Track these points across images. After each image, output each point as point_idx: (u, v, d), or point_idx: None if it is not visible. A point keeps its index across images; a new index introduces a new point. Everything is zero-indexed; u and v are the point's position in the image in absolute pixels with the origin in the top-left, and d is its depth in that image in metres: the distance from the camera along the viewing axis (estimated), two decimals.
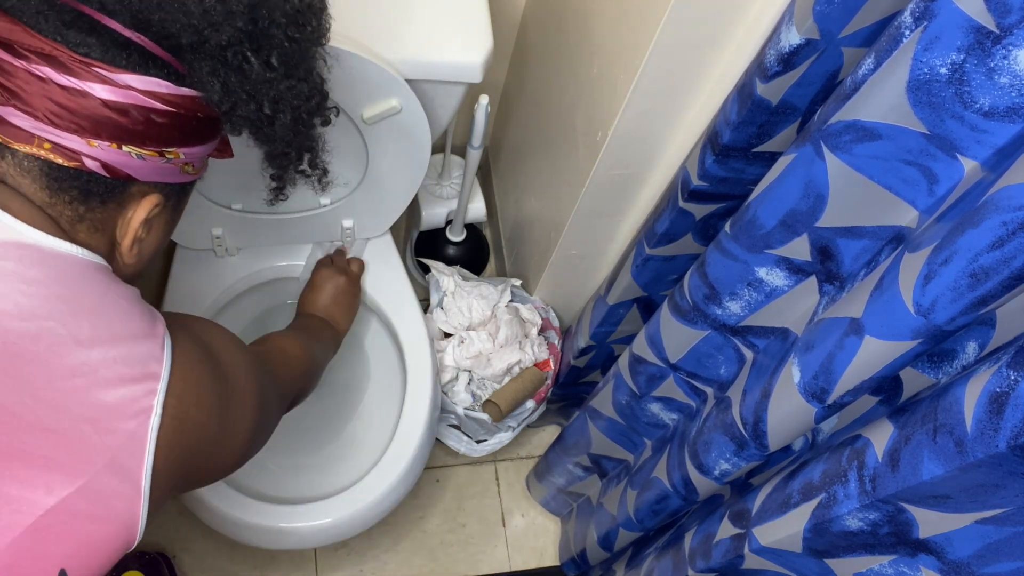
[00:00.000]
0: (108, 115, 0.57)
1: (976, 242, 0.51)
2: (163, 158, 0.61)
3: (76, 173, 0.59)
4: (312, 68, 0.68)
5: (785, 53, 0.69)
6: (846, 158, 0.64)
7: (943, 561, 0.60)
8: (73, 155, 0.57)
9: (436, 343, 1.31)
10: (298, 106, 0.67)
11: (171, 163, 0.63)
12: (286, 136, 0.69)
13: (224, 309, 1.23)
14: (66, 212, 0.60)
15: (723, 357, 0.91)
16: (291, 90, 0.66)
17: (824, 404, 0.67)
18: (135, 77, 0.57)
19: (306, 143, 0.73)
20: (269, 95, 0.65)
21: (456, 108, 1.09)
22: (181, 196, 0.70)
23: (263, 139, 0.69)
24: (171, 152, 0.62)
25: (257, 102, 0.64)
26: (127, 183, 0.61)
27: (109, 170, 0.59)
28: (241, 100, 0.63)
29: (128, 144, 0.59)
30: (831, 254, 0.72)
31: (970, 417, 0.51)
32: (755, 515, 0.79)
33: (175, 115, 0.60)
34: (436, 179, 1.50)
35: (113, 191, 0.61)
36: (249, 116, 0.65)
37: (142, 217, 0.63)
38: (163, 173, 0.63)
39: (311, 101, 0.69)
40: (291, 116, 0.67)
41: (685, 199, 0.91)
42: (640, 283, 1.08)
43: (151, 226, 0.66)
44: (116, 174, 0.60)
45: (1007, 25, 0.51)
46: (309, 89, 0.68)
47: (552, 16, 1.16)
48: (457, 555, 1.48)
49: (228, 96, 0.63)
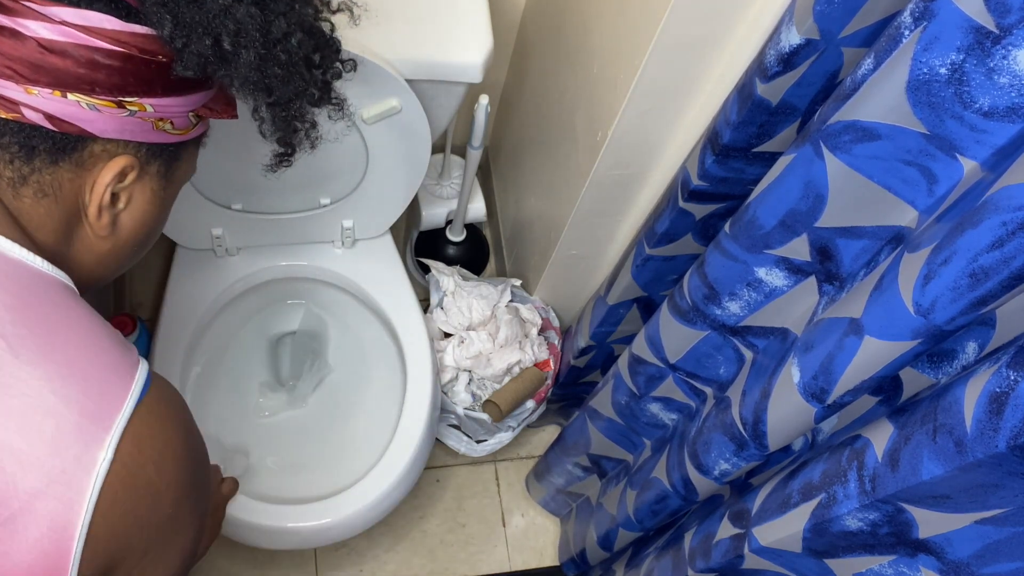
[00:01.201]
0: (45, 57, 0.49)
1: (976, 242, 0.51)
2: (123, 110, 0.53)
3: (17, 126, 0.51)
4: (300, 4, 0.59)
5: (785, 53, 0.69)
6: (846, 158, 0.64)
7: (943, 561, 0.60)
8: (10, 105, 0.50)
9: (436, 343, 1.32)
10: (272, 43, 0.57)
11: (137, 117, 0.54)
12: (252, 77, 0.57)
13: (224, 309, 1.23)
14: (6, 173, 0.52)
15: (722, 357, 0.91)
16: (254, 20, 0.55)
17: (824, 404, 0.67)
18: (71, 11, 0.49)
19: (290, 90, 0.61)
20: (228, 27, 0.54)
21: (456, 108, 1.09)
22: (169, 161, 0.60)
23: (230, 82, 0.59)
24: (132, 103, 0.53)
25: (213, 35, 0.54)
26: (83, 140, 0.53)
27: (55, 123, 0.51)
28: (196, 35, 0.53)
29: (74, 92, 0.51)
30: (831, 254, 0.72)
31: (970, 417, 0.51)
32: (755, 515, 0.79)
33: (125, 56, 0.52)
34: (436, 179, 1.50)
35: (65, 149, 0.53)
36: (203, 53, 0.54)
37: (106, 181, 0.55)
38: (129, 130, 0.54)
39: (290, 39, 0.58)
40: (256, 54, 0.56)
41: (685, 199, 0.91)
42: (640, 283, 1.08)
43: (131, 195, 0.58)
44: (65, 128, 0.52)
45: (1007, 25, 0.51)
46: (288, 26, 0.57)
47: (552, 16, 1.16)
48: (457, 555, 1.48)
49: (180, 30, 0.53)
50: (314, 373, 1.31)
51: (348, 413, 1.31)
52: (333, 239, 1.25)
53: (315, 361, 1.31)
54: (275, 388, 1.31)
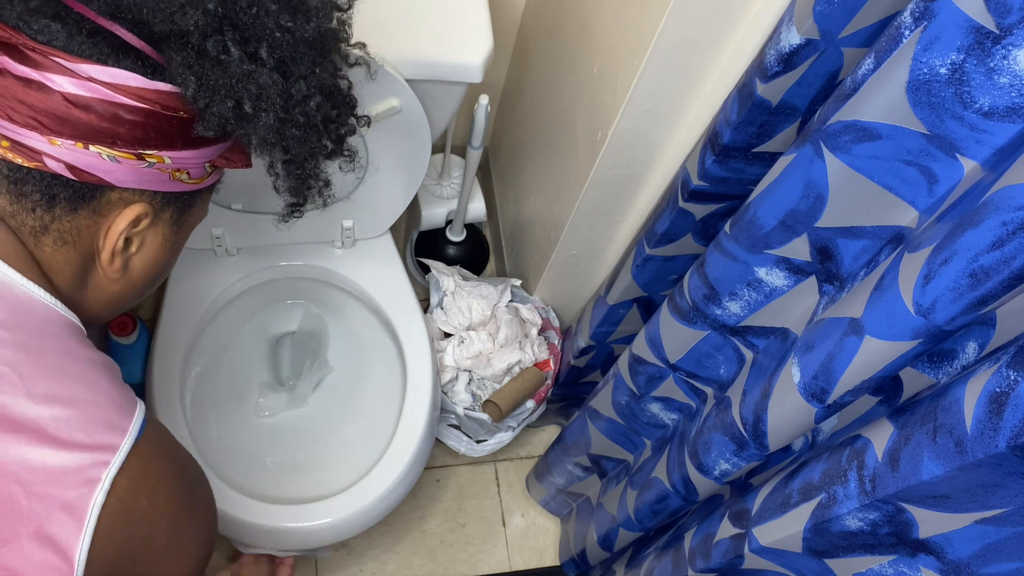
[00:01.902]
0: (70, 111, 0.51)
1: (976, 242, 0.51)
2: (143, 162, 0.55)
3: (39, 175, 0.53)
4: (320, 67, 0.60)
5: (785, 53, 0.69)
6: (846, 158, 0.64)
7: (943, 561, 0.60)
8: (33, 155, 0.52)
9: (436, 343, 1.31)
10: (292, 107, 0.59)
11: (155, 168, 0.56)
12: (271, 138, 0.59)
13: (224, 309, 1.23)
14: (28, 221, 0.54)
15: (723, 357, 0.91)
16: (276, 85, 0.57)
17: (824, 404, 0.67)
18: (98, 68, 0.51)
19: (305, 150, 0.63)
20: (250, 91, 0.56)
21: (456, 108, 1.09)
22: (183, 208, 0.62)
23: (248, 141, 0.60)
24: (151, 155, 0.55)
25: (235, 98, 0.56)
26: (103, 188, 0.55)
27: (76, 173, 0.53)
28: (219, 96, 0.55)
29: (96, 144, 0.52)
30: (831, 254, 0.72)
31: (970, 417, 0.51)
32: (755, 515, 0.79)
33: (148, 112, 0.53)
34: (436, 179, 1.50)
35: (84, 197, 0.55)
36: (224, 114, 0.56)
37: (120, 228, 0.57)
38: (146, 180, 0.56)
39: (309, 103, 0.60)
40: (275, 117, 0.58)
41: (685, 199, 0.91)
42: (640, 283, 1.08)
43: (143, 240, 0.60)
44: (84, 177, 0.53)
45: (1007, 25, 0.51)
46: (308, 89, 0.59)
47: (552, 16, 1.16)
48: (457, 555, 1.48)
49: (203, 91, 0.54)
50: (314, 373, 1.31)
51: (348, 413, 1.31)
52: (333, 239, 1.25)
53: (315, 361, 1.31)
54: (275, 388, 1.31)
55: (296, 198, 0.68)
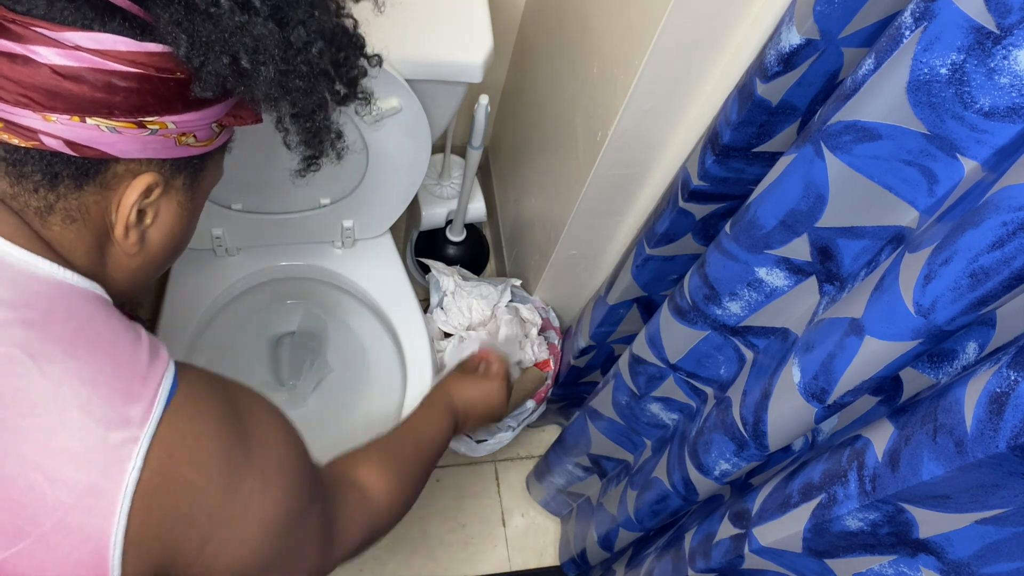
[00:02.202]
0: (60, 83, 0.48)
1: (976, 242, 0.51)
2: (144, 130, 0.52)
3: (38, 154, 0.50)
4: (319, 9, 0.56)
5: (785, 53, 0.69)
6: (846, 158, 0.64)
7: (943, 561, 0.60)
8: (29, 133, 0.49)
9: (436, 343, 1.31)
10: (292, 56, 0.54)
11: (158, 135, 0.53)
12: (274, 93, 0.55)
13: (224, 309, 1.23)
14: (32, 202, 0.51)
15: (723, 357, 0.91)
16: (272, 35, 0.53)
17: (824, 404, 0.67)
18: (84, 35, 0.48)
19: (313, 101, 0.59)
20: (245, 44, 0.52)
21: (456, 108, 1.09)
22: (195, 173, 0.58)
23: (251, 98, 0.56)
24: (152, 122, 0.52)
25: (231, 53, 0.52)
26: (107, 162, 0.52)
27: (75, 148, 0.50)
28: (213, 53, 0.51)
29: (93, 116, 0.49)
30: (831, 254, 0.72)
31: (970, 417, 0.51)
32: (755, 515, 0.79)
33: (142, 77, 0.50)
34: (436, 179, 1.50)
35: (88, 173, 0.52)
36: (221, 72, 0.52)
37: (131, 200, 0.54)
38: (151, 148, 0.53)
39: (311, 50, 0.55)
40: (276, 69, 0.54)
41: (685, 199, 0.91)
42: (640, 283, 1.08)
43: (157, 210, 0.57)
44: (85, 152, 0.51)
45: (1007, 25, 0.51)
46: (308, 35, 0.55)
47: (552, 16, 1.16)
48: (457, 555, 1.48)
49: (197, 49, 0.51)
50: (314, 373, 1.31)
51: (348, 413, 1.31)
52: (333, 239, 1.25)
53: (315, 361, 1.31)
54: (275, 388, 1.31)
55: (312, 151, 0.64)
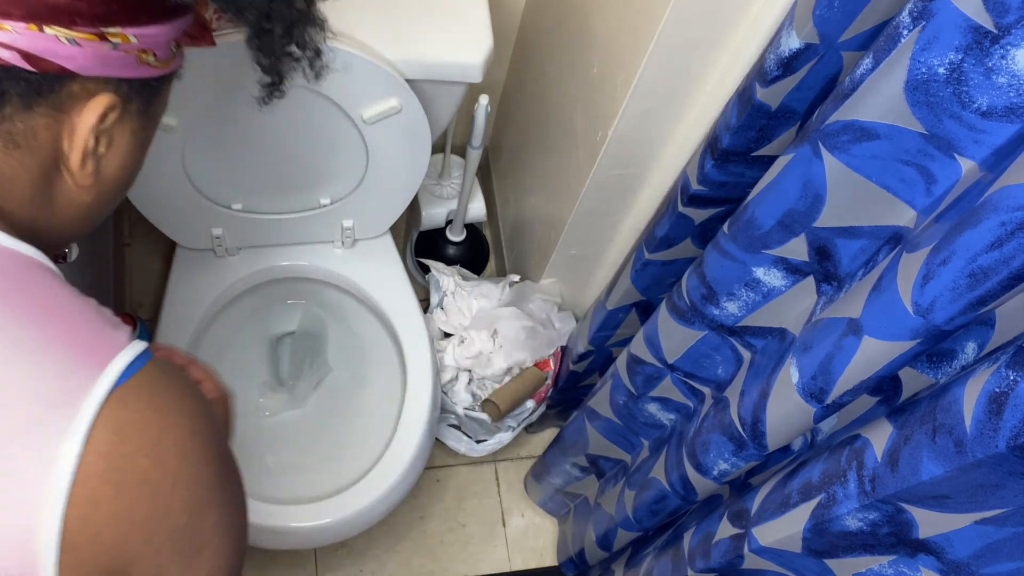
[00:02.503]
0: None
1: (975, 242, 0.51)
2: (107, 43, 0.47)
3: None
4: None
5: (785, 57, 0.69)
6: (844, 158, 0.64)
7: (943, 561, 0.60)
8: None
9: (436, 343, 1.32)
10: None
11: (120, 50, 0.48)
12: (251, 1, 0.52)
13: (224, 309, 1.23)
14: None
15: (720, 357, 0.91)
16: None
17: (823, 404, 0.67)
18: None
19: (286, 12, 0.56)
20: None
21: (456, 108, 1.09)
22: (150, 97, 0.54)
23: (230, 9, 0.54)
24: (115, 34, 0.47)
25: None
26: (63, 79, 0.47)
27: (32, 61, 0.45)
28: None
29: (52, 24, 0.45)
30: (829, 254, 0.72)
31: (969, 417, 0.51)
32: (754, 515, 0.79)
33: None
34: (436, 179, 1.50)
35: (40, 91, 0.47)
36: None
37: (91, 122, 0.49)
38: (113, 64, 0.48)
39: None
40: None
41: (685, 204, 0.91)
42: (639, 288, 1.08)
43: (112, 137, 0.52)
44: (42, 66, 0.45)
45: (1005, 25, 0.51)
46: None
47: (552, 16, 1.16)
48: (457, 555, 1.48)
49: None
50: (314, 373, 1.31)
51: (348, 413, 1.31)
52: (333, 239, 1.25)
53: (315, 361, 1.31)
54: (275, 388, 1.31)
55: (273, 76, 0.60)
